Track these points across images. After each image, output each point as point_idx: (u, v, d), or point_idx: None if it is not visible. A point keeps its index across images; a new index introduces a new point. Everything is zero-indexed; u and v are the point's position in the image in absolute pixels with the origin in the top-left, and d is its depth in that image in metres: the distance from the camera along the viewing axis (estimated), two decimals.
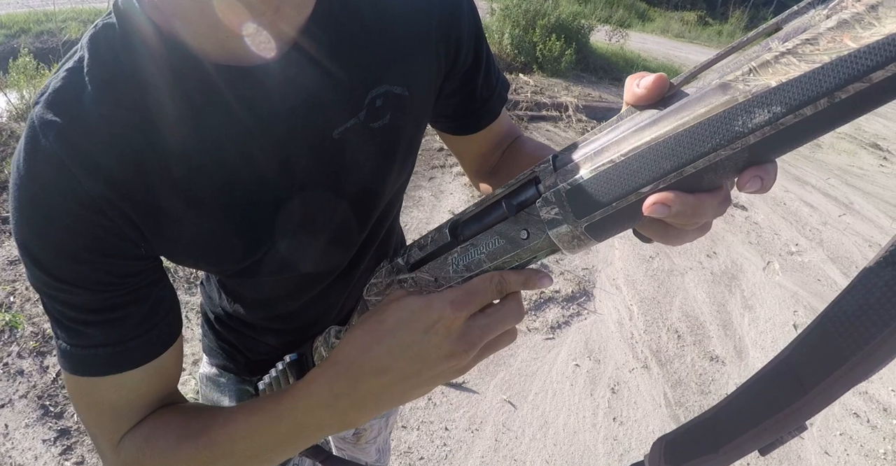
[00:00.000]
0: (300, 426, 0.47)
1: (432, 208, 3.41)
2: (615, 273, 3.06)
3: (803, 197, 4.51)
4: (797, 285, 3.21)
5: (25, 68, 3.99)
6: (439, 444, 1.96)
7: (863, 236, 3.93)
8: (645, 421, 2.17)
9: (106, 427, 0.52)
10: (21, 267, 2.58)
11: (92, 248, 0.44)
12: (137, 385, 0.51)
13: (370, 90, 0.53)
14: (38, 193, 0.43)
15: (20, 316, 2.31)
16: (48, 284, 0.45)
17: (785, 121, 0.30)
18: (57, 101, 0.43)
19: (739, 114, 0.31)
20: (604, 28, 8.53)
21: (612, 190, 0.36)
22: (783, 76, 0.30)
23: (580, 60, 6.71)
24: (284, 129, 0.49)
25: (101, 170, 0.43)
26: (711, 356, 2.57)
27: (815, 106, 0.29)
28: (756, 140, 0.31)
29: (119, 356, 0.49)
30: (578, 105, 5.32)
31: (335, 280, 0.70)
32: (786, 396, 0.33)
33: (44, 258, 0.44)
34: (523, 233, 0.42)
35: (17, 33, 5.81)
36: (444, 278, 0.48)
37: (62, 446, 1.82)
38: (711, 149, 0.32)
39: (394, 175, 0.62)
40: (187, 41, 0.43)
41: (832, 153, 5.77)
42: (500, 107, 0.73)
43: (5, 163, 3.30)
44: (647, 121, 0.36)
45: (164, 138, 0.45)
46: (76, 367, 0.49)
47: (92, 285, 0.46)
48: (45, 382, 2.04)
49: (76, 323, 0.47)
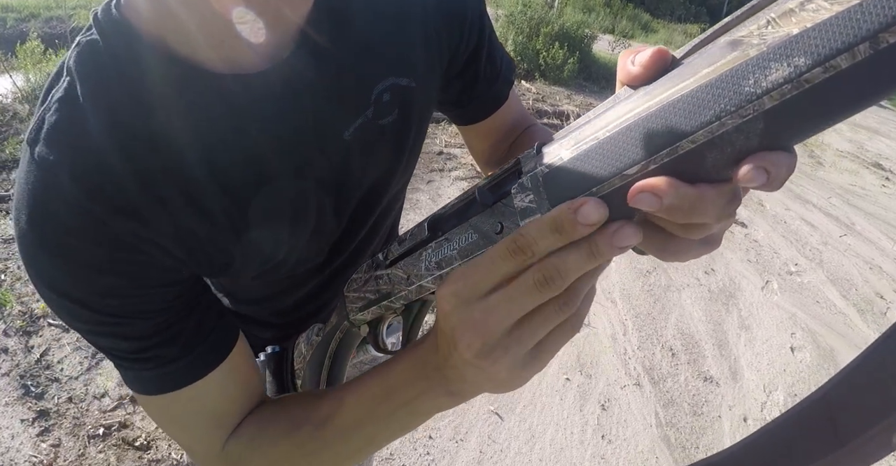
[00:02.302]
0: (400, 394, 0.43)
1: (429, 211, 3.36)
2: (611, 286, 3.02)
3: (804, 215, 4.47)
4: (796, 306, 3.17)
5: (33, 52, 4.00)
6: (422, 452, 1.92)
7: (864, 258, 3.89)
8: (634, 441, 2.13)
9: (201, 439, 0.51)
10: (13, 246, 2.59)
11: (135, 284, 0.43)
12: (217, 390, 0.50)
13: (375, 85, 0.52)
14: (69, 241, 0.40)
15: (9, 294, 2.30)
16: (99, 322, 0.43)
17: (812, 76, 0.22)
18: (59, 139, 0.39)
19: (751, 70, 0.24)
20: (606, 38, 8.54)
21: (592, 172, 0.29)
22: (809, 22, 0.22)
23: (583, 69, 6.71)
24: (294, 136, 0.47)
25: (123, 204, 0.41)
26: (705, 376, 2.52)
27: (851, 54, 0.21)
28: (773, 104, 0.23)
29: (188, 367, 0.48)
30: (580, 114, 5.30)
31: (334, 275, 0.69)
32: (816, 446, 0.25)
33: (90, 300, 0.42)
34: (497, 225, 0.36)
35: (26, 17, 5.83)
36: (415, 275, 0.44)
37: (40, 427, 1.81)
38: (714, 118, 0.25)
39: (400, 171, 0.61)
40: (182, 51, 0.40)
41: (834, 172, 5.74)
42: (505, 92, 0.70)
43: (6, 144, 3.30)
44: (641, 92, 0.29)
45: (174, 156, 0.42)
46: (148, 388, 0.48)
47: (143, 314, 0.44)
48: (29, 362, 2.03)
49: (136, 352, 0.46)
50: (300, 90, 0.46)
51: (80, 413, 1.87)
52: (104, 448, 1.77)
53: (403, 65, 0.53)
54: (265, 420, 0.52)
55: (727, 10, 17.73)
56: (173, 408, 0.49)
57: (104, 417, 1.87)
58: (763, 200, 4.53)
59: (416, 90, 0.55)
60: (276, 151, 0.47)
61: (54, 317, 2.24)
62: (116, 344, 0.45)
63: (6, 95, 3.85)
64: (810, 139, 6.53)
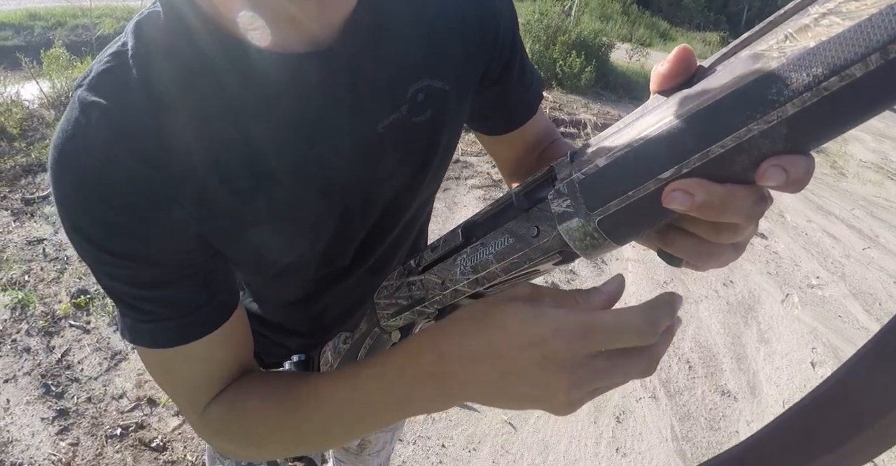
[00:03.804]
0: (384, 395, 0.44)
1: (445, 219, 3.38)
2: (627, 297, 2.99)
3: (826, 227, 4.39)
4: (817, 320, 3.11)
5: (58, 59, 4.10)
6: (435, 461, 1.91)
7: (888, 271, 3.81)
8: (649, 454, 2.10)
9: (187, 397, 0.53)
10: (37, 248, 2.65)
11: (144, 226, 0.44)
12: (207, 354, 0.51)
13: (412, 84, 0.53)
14: (88, 174, 0.42)
15: (32, 294, 2.35)
16: (104, 261, 0.45)
17: (829, 84, 0.25)
18: (102, 84, 0.42)
19: (774, 80, 0.26)
20: (624, 46, 8.51)
21: (628, 177, 0.32)
22: (825, 36, 0.25)
23: (600, 78, 6.69)
24: (331, 121, 0.48)
25: (148, 154, 0.42)
26: (723, 390, 2.48)
27: (864, 64, 0.24)
28: (795, 110, 0.26)
29: (182, 328, 0.49)
30: (597, 123, 5.29)
31: (362, 280, 0.69)
32: (840, 431, 0.26)
33: (97, 236, 0.44)
34: (533, 229, 0.38)
35: (53, 26, 5.99)
36: (450, 280, 0.45)
37: (59, 426, 1.84)
38: (741, 124, 0.27)
39: (429, 175, 0.61)
40: (233, 27, 0.42)
41: (857, 183, 5.64)
42: (536, 104, 0.72)
43: (32, 148, 3.39)
44: (671, 102, 0.31)
45: (210, 125, 0.44)
46: (142, 339, 0.49)
47: (146, 260, 0.45)
48: (50, 362, 2.07)
49: (135, 300, 0.47)
50: (341, 78, 0.47)
51: (99, 414, 1.90)
52: (121, 449, 1.79)
53: (439, 69, 0.55)
54: (247, 389, 0.53)
55: (746, 18, 17.58)
56: (167, 364, 0.51)
57: (122, 418, 1.90)
58: (784, 211, 4.46)
59: (450, 94, 0.57)
60: (310, 133, 0.48)
61: (76, 319, 2.28)
62: (121, 287, 0.47)
63: (33, 101, 3.96)
64: (832, 149, 6.42)
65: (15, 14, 5.94)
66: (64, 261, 2.60)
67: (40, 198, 3.04)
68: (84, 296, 2.38)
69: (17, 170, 3.21)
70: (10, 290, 2.34)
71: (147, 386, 2.03)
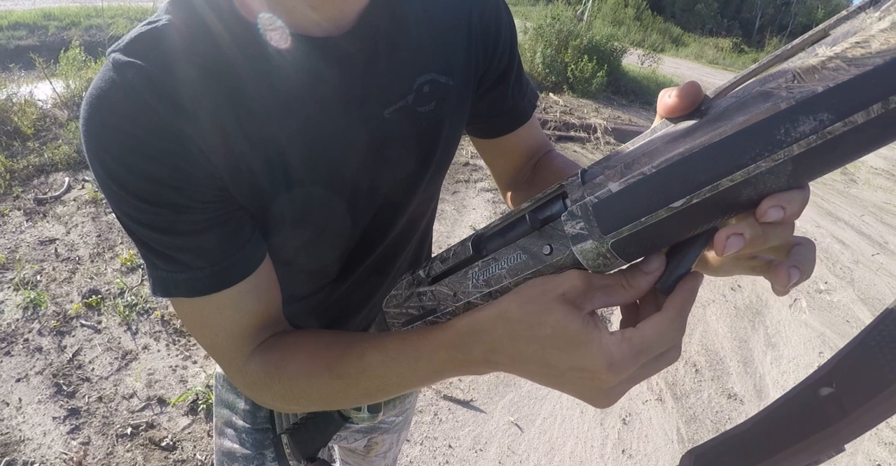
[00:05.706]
0: (433, 372, 0.46)
1: (454, 222, 3.39)
2: None
3: (835, 233, 4.37)
4: (824, 325, 3.10)
5: (75, 59, 4.14)
6: (441, 461, 1.92)
7: None
8: (655, 456, 2.10)
9: (225, 349, 0.54)
10: (49, 248, 2.68)
11: (172, 175, 0.46)
12: (239, 304, 0.52)
13: (419, 75, 0.56)
14: (119, 123, 0.44)
15: (44, 294, 2.37)
16: (133, 206, 0.46)
17: (833, 129, 0.27)
18: (136, 46, 0.45)
19: (782, 121, 0.28)
20: (636, 51, 8.50)
21: (641, 204, 0.33)
22: (831, 81, 0.27)
23: (611, 82, 6.69)
24: (344, 102, 0.51)
25: (178, 105, 0.44)
26: (730, 393, 2.48)
27: (867, 112, 0.26)
28: (801, 150, 0.28)
29: (217, 275, 0.50)
30: (608, 127, 5.28)
31: (367, 278, 0.70)
32: (825, 417, 0.29)
33: (127, 181, 0.45)
34: (546, 248, 0.39)
35: (67, 26, 6.05)
36: (462, 292, 0.46)
37: (71, 425, 1.86)
38: (750, 160, 0.29)
39: (432, 167, 0.63)
40: (258, 7, 0.45)
41: (867, 189, 5.60)
42: (530, 111, 0.75)
43: (45, 148, 3.43)
44: (681, 132, 0.33)
45: (238, 92, 0.47)
46: (178, 290, 0.50)
47: (175, 207, 0.47)
48: (62, 361, 2.09)
49: (163, 247, 0.48)
50: (356, 61, 0.51)
51: (110, 413, 1.92)
52: (132, 448, 1.81)
53: (445, 65, 0.58)
54: (291, 350, 0.54)
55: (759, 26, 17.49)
56: (201, 315, 0.53)
57: (132, 417, 1.92)
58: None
59: (453, 90, 0.60)
60: (321, 111, 0.51)
61: (87, 319, 2.31)
62: (149, 234, 0.48)
63: (46, 101, 4.00)
64: None
65: (30, 14, 6.01)
66: (76, 261, 2.63)
67: (53, 198, 3.07)
68: (95, 296, 2.40)
69: (30, 169, 3.25)
70: (23, 290, 2.37)
71: (157, 386, 2.05)
